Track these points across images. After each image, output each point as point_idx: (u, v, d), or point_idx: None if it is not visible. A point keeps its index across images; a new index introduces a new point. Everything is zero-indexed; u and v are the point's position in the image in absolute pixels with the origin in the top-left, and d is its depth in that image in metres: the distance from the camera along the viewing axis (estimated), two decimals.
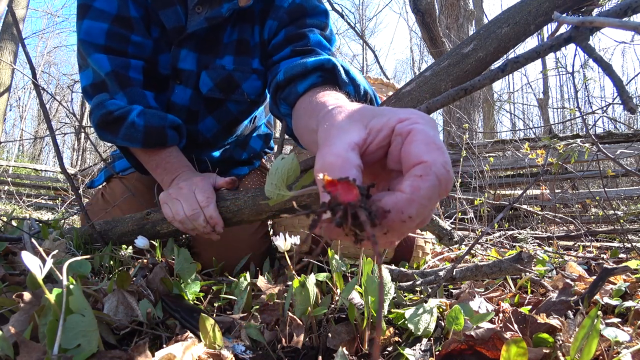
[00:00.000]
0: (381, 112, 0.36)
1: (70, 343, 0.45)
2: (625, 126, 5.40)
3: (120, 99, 0.92)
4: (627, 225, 2.37)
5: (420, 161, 0.29)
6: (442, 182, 0.29)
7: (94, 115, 0.92)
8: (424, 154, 0.30)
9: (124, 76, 0.92)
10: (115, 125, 0.89)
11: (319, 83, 0.75)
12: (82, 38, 0.92)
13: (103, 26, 0.91)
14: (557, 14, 0.58)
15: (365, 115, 0.36)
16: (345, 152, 0.31)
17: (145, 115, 0.90)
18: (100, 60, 0.91)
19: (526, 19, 0.71)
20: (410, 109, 0.35)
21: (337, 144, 0.32)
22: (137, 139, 0.89)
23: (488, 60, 0.72)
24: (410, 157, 0.30)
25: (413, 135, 0.31)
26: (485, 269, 0.84)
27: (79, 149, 14.36)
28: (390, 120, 0.34)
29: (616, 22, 0.49)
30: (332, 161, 0.31)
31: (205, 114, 1.07)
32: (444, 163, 0.29)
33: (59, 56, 20.38)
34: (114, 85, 0.92)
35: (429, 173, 0.29)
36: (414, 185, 0.29)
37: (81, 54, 0.95)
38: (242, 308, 0.73)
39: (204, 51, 1.00)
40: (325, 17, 0.99)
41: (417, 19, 5.52)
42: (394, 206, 0.28)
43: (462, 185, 3.69)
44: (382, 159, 0.35)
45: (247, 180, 1.29)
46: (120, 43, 0.93)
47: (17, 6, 6.40)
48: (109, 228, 0.97)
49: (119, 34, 0.92)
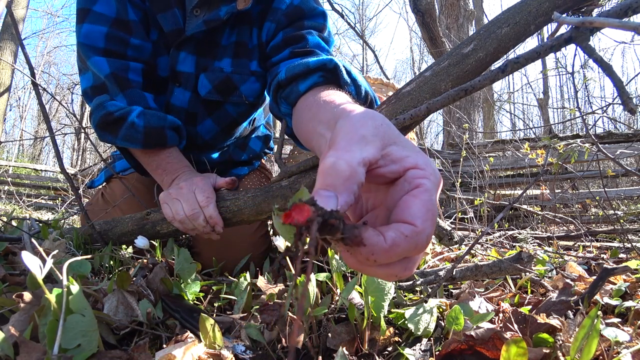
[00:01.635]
0: (403, 143, 0.36)
1: (70, 343, 0.45)
2: (625, 126, 5.40)
3: (120, 100, 0.92)
4: (627, 225, 2.37)
5: (413, 223, 0.30)
6: (418, 249, 0.31)
7: (94, 116, 0.92)
8: (419, 218, 0.30)
9: (124, 78, 0.93)
10: (116, 126, 0.90)
11: (321, 83, 0.75)
12: (81, 41, 0.92)
13: (102, 29, 0.91)
14: (557, 14, 0.58)
15: (389, 135, 0.36)
16: (357, 165, 0.31)
17: (145, 116, 0.90)
18: (100, 63, 0.91)
19: (526, 19, 0.71)
20: (427, 157, 0.36)
21: (355, 152, 0.32)
22: (137, 140, 0.90)
23: (488, 60, 0.72)
24: (406, 211, 0.31)
25: (419, 192, 0.32)
26: (485, 268, 0.84)
27: (79, 149, 14.37)
28: (408, 160, 0.34)
29: (616, 22, 0.49)
30: (343, 169, 0.31)
31: (204, 116, 1.07)
32: (429, 235, 0.31)
33: (59, 56, 20.39)
34: (114, 87, 0.92)
35: (413, 237, 0.30)
36: (396, 241, 0.30)
37: (81, 57, 0.95)
38: (242, 308, 0.73)
39: (203, 54, 1.00)
40: (323, 19, 0.99)
41: (417, 19, 5.52)
42: (371, 247, 0.29)
43: (462, 185, 3.69)
44: (372, 178, 0.35)
45: (246, 180, 1.29)
46: (119, 46, 0.93)
47: (17, 6, 6.40)
48: (109, 228, 0.97)
49: (118, 37, 0.93)
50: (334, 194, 0.29)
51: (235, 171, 1.28)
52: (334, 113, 0.53)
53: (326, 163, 0.31)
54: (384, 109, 0.75)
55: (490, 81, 0.63)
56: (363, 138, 0.34)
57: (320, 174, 0.31)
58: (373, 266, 0.31)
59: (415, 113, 0.68)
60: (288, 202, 0.81)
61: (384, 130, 0.36)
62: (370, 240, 0.29)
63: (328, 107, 0.59)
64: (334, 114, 0.53)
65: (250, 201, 0.84)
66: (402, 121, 0.68)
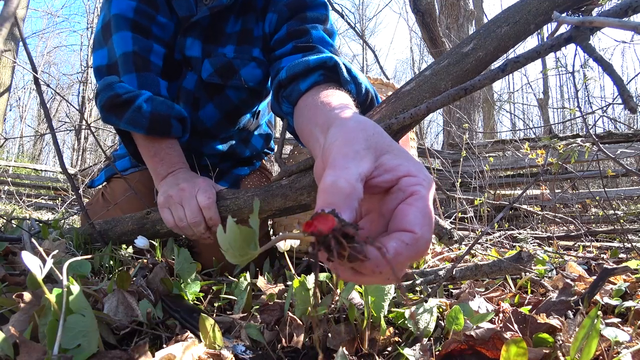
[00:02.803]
0: (395, 152, 0.37)
1: (71, 343, 0.45)
2: (625, 126, 5.40)
3: (130, 80, 0.93)
4: (627, 225, 2.37)
5: (412, 230, 0.31)
6: (420, 254, 0.31)
7: (100, 96, 0.92)
8: (417, 225, 0.31)
9: (144, 59, 0.94)
10: (122, 109, 0.89)
11: (322, 81, 0.75)
12: (112, 13, 0.95)
13: (131, 3, 0.95)
14: (556, 14, 0.58)
15: (381, 145, 0.37)
16: (355, 181, 0.32)
17: (153, 102, 0.90)
18: (125, 39, 0.93)
19: (526, 19, 0.71)
20: (419, 163, 0.36)
21: (351, 169, 0.33)
22: (142, 125, 0.89)
23: (488, 59, 0.72)
24: (404, 220, 0.32)
25: (415, 199, 0.33)
26: (485, 268, 0.84)
27: (79, 149, 14.36)
28: (400, 168, 0.35)
29: (616, 22, 0.49)
30: (343, 187, 0.32)
31: (206, 100, 1.08)
32: (428, 240, 0.32)
33: (59, 56, 20.40)
34: (130, 66, 0.93)
35: (414, 244, 0.31)
36: (397, 249, 0.30)
37: (107, 32, 0.97)
38: (242, 308, 0.73)
39: (208, 40, 1.02)
40: (325, 9, 1.00)
41: (417, 19, 5.52)
42: (374, 260, 0.30)
43: (462, 185, 3.69)
44: (368, 189, 0.36)
45: (247, 180, 1.29)
46: (146, 20, 0.96)
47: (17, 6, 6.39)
48: (109, 228, 0.97)
49: (146, 12, 0.96)
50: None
51: (236, 171, 1.28)
52: (329, 117, 0.55)
53: (326, 182, 0.32)
54: (383, 108, 0.75)
55: (490, 80, 0.63)
56: (357, 153, 0.35)
57: (321, 193, 0.32)
58: (373, 276, 0.32)
59: (415, 112, 0.67)
60: (287, 201, 0.81)
61: (375, 141, 0.37)
62: (372, 254, 0.30)
63: (324, 109, 0.60)
64: (328, 119, 0.54)
65: (250, 200, 0.84)
66: (402, 120, 0.68)
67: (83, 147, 14.26)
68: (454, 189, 2.75)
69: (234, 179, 1.25)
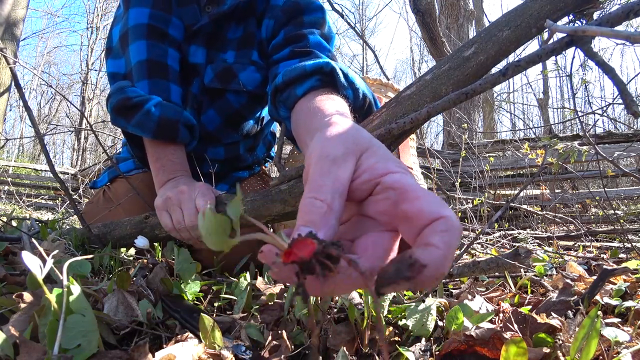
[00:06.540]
0: (375, 151, 0.36)
1: (71, 343, 0.45)
2: (625, 126, 5.40)
3: (141, 87, 0.94)
4: (627, 225, 2.37)
5: (440, 216, 0.29)
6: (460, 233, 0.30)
7: (112, 99, 0.93)
8: (440, 209, 0.30)
9: (160, 63, 0.96)
10: (131, 112, 0.90)
11: (318, 86, 0.75)
12: (130, 25, 0.97)
13: (145, 10, 0.97)
14: (549, 22, 0.58)
15: (360, 143, 0.36)
16: (332, 199, 0.32)
17: (162, 107, 0.91)
18: (140, 48, 0.95)
19: (527, 22, 0.71)
20: (398, 160, 0.35)
21: (327, 186, 0.33)
22: (149, 128, 0.89)
23: (489, 63, 0.72)
24: (423, 213, 0.30)
25: (413, 192, 0.31)
26: (482, 265, 0.84)
27: (79, 149, 14.36)
28: (378, 167, 0.34)
29: (609, 31, 0.49)
30: (319, 206, 0.32)
31: (208, 105, 1.08)
32: (455, 215, 0.30)
33: (59, 56, 20.38)
34: (142, 73, 0.94)
35: (452, 227, 0.29)
36: (445, 240, 0.28)
37: (124, 42, 0.99)
38: (242, 308, 0.73)
39: (211, 47, 1.04)
40: (322, 13, 0.99)
41: (417, 19, 5.51)
42: (432, 262, 0.27)
43: (462, 185, 3.69)
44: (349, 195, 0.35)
45: (246, 184, 1.29)
46: (161, 22, 0.98)
47: (17, 6, 6.40)
48: (107, 231, 0.97)
49: (161, 15, 0.98)
50: (313, 230, 0.30)
51: (236, 175, 1.28)
52: (319, 125, 0.54)
53: (304, 202, 0.33)
54: (384, 112, 0.75)
55: (491, 85, 0.63)
56: (334, 163, 0.34)
57: (300, 212, 0.32)
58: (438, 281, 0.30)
59: (415, 117, 0.67)
60: (286, 206, 0.81)
61: (353, 141, 0.36)
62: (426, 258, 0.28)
63: (317, 116, 0.61)
64: (318, 126, 0.54)
65: (249, 205, 0.84)
66: (403, 125, 0.68)
67: (83, 147, 14.26)
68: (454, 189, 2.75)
69: (232, 181, 1.25)
